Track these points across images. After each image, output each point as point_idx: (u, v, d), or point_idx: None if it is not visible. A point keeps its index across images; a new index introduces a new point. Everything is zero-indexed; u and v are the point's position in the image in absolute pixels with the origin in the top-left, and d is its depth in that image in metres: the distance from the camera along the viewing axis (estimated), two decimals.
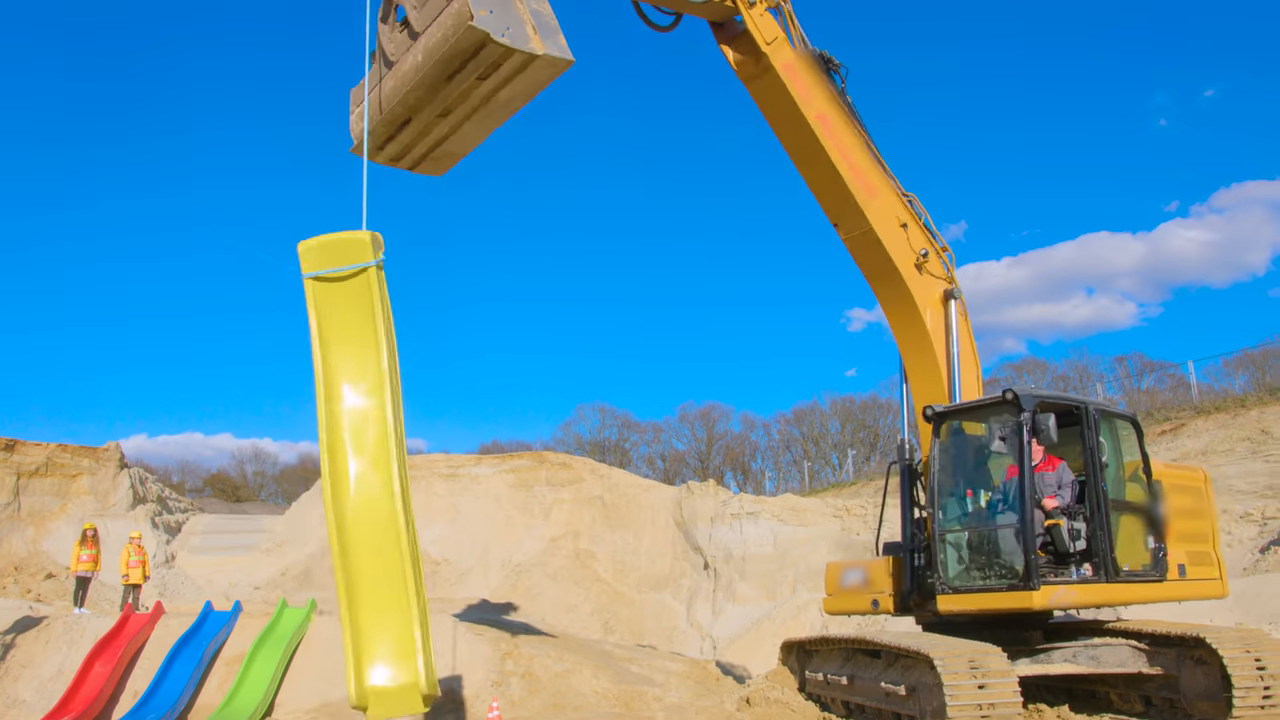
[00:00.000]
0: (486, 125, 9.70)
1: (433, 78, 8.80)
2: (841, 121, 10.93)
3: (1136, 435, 10.38)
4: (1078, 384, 54.02)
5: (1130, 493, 10.11)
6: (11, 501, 28.86)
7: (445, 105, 9.33)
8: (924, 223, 11.22)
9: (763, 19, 10.75)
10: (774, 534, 25.65)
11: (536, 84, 8.87)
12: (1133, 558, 9.79)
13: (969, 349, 11.23)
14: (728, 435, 63.90)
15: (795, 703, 11.06)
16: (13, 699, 13.95)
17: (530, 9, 8.38)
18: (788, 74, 10.71)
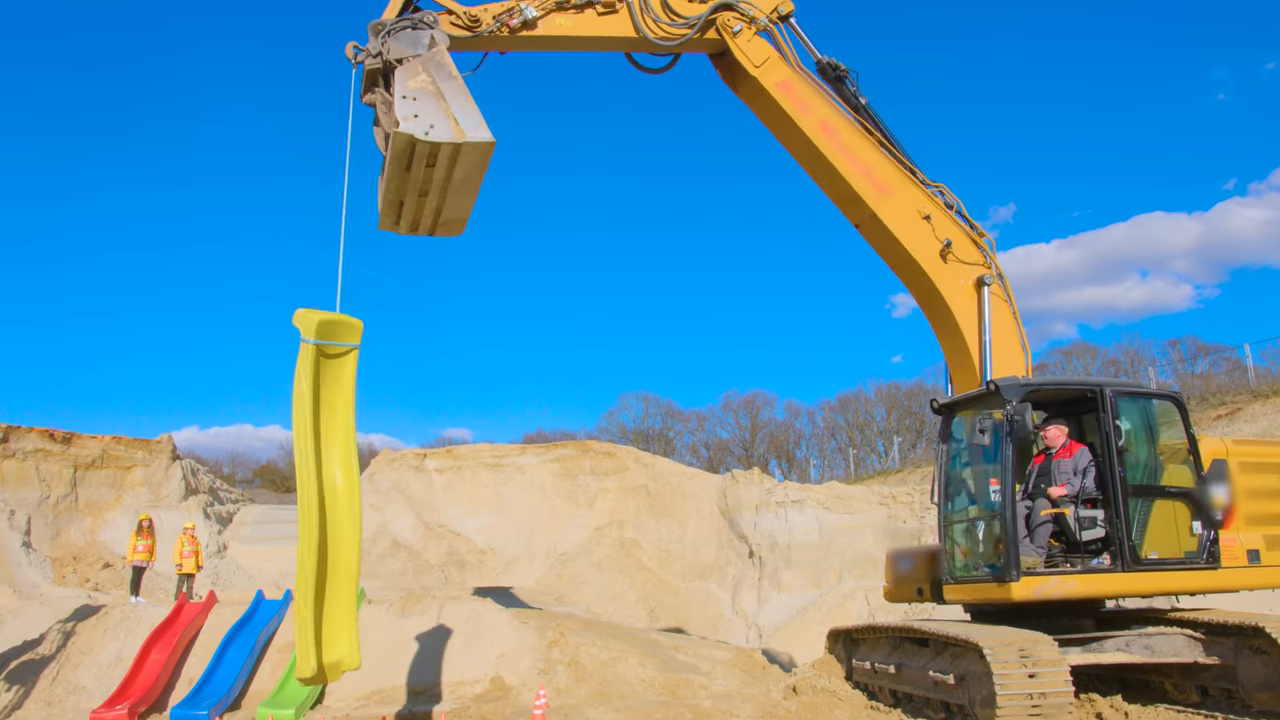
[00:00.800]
0: (464, 196, 10.73)
1: (397, 170, 10.18)
2: (847, 127, 11.28)
3: (1180, 415, 9.99)
4: (1129, 368, 53.10)
5: (1171, 476, 9.78)
6: (69, 493, 29.52)
7: (420, 188, 10.51)
8: (954, 211, 11.25)
9: (750, 44, 11.37)
10: (819, 522, 25.51)
11: (476, 163, 10.03)
12: (1166, 544, 9.48)
13: (1010, 333, 11.02)
14: (772, 423, 63.72)
15: (842, 691, 10.99)
16: (73, 685, 14.29)
17: (453, 105, 9.74)
18: (783, 91, 11.28)
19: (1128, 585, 9.46)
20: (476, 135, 9.59)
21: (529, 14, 11.17)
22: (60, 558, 27.86)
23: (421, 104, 9.79)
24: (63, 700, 13.98)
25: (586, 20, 11.53)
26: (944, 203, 11.28)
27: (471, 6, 11.17)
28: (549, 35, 11.42)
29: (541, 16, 11.30)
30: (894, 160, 11.28)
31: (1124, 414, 9.89)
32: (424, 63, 10.25)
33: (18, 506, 27.75)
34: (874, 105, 11.55)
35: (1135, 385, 10.51)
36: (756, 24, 11.48)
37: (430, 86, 10.02)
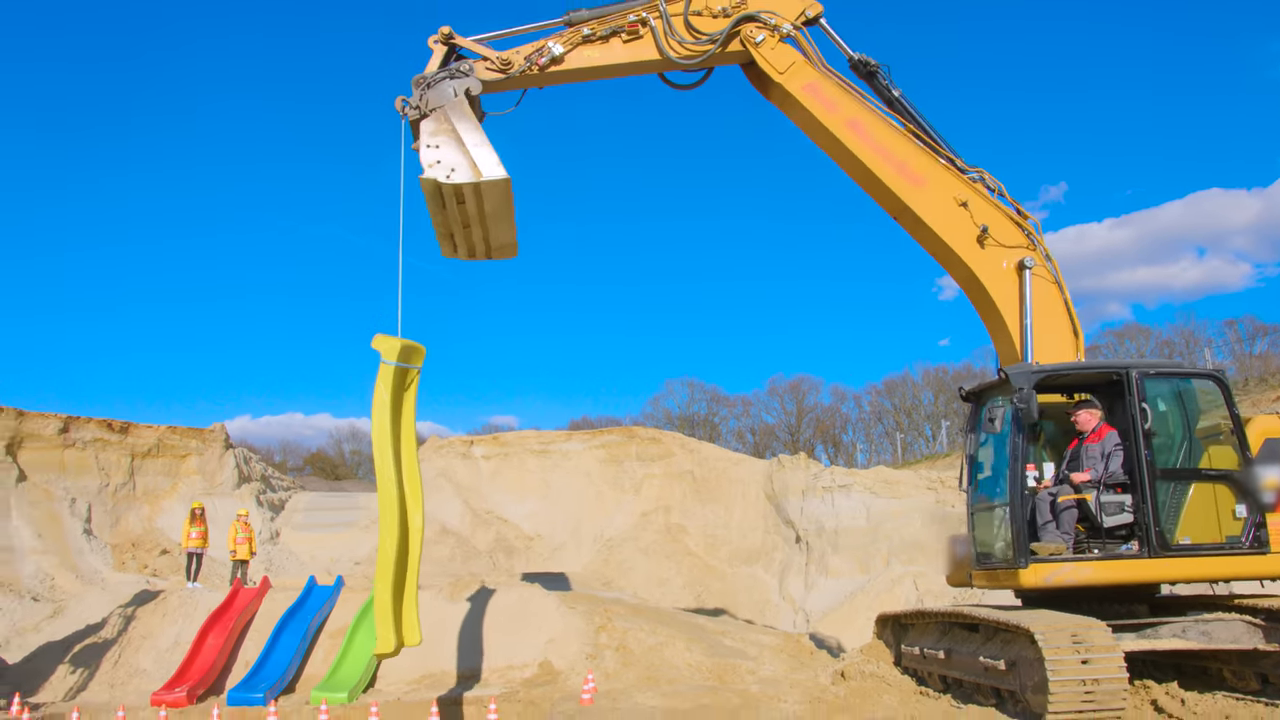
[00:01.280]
0: (503, 224, 11.82)
1: (435, 209, 11.44)
2: (877, 123, 11.45)
3: (1223, 394, 9.66)
4: (1183, 349, 52.04)
5: (1213, 458, 9.49)
6: (127, 481, 30.19)
7: (462, 221, 11.67)
8: (995, 196, 11.22)
9: (773, 52, 11.65)
10: (866, 507, 25.34)
11: (499, 197, 11.16)
12: (1205, 529, 9.24)
13: (1058, 315, 10.87)
14: (818, 408, 63.36)
15: (891, 677, 10.93)
16: (135, 668, 14.64)
17: (471, 148, 10.89)
18: (809, 94, 11.57)
19: (1154, 571, 9.25)
20: (492, 174, 10.75)
21: (556, 51, 11.86)
22: (120, 544, 28.52)
23: (444, 150, 10.97)
24: (125, 683, 14.34)
25: (612, 49, 12.03)
26: (984, 187, 11.25)
27: (504, 51, 11.98)
28: (578, 68, 12.06)
29: (569, 51, 11.95)
30: (928, 150, 11.32)
31: (1158, 396, 9.67)
32: (446, 112, 11.29)
33: (79, 495, 28.44)
34: (909, 96, 11.68)
35: (1170, 365, 10.20)
36: (779, 32, 11.69)
37: (451, 134, 11.09)
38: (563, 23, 12.07)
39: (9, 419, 27.70)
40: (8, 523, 26.31)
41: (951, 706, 9.32)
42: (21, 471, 27.51)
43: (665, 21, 11.88)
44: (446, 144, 11.04)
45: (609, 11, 12.02)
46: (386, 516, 10.24)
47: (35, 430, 28.31)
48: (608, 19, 11.99)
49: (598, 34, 11.98)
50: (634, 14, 11.92)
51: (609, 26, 11.99)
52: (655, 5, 11.96)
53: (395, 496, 10.25)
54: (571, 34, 12.00)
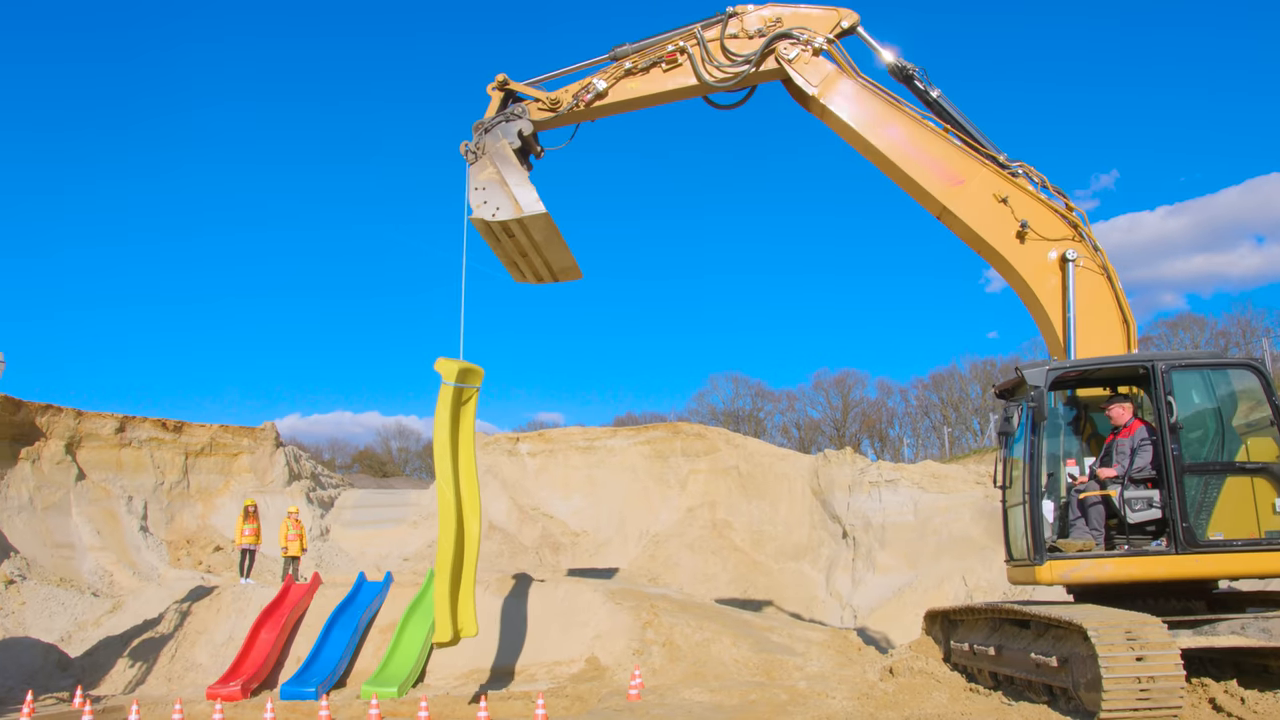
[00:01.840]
0: (556, 250, 13.08)
1: (491, 243, 12.84)
2: (913, 126, 11.61)
3: (1262, 384, 9.36)
4: (1239, 339, 50.89)
5: (1252, 450, 9.23)
6: (181, 480, 30.78)
7: (520, 251, 13.00)
8: (1038, 188, 11.17)
9: (807, 67, 11.95)
10: (914, 502, 25.10)
11: (543, 228, 12.47)
12: (1240, 525, 9.00)
13: (1106, 307, 10.73)
14: (864, 402, 62.86)
15: (940, 673, 10.81)
16: (191, 662, 14.93)
17: (513, 187, 12.18)
18: (844, 104, 11.83)
19: (1181, 568, 9.06)
20: (531, 209, 12.08)
21: (600, 86, 12.61)
22: (175, 541, 29.09)
23: (489, 191, 12.28)
24: (181, 676, 14.63)
25: (653, 79, 12.63)
26: (1027, 181, 11.22)
27: (553, 91, 12.89)
28: (622, 100, 12.76)
29: (612, 85, 12.69)
30: (966, 149, 11.39)
31: (1189, 388, 9.47)
32: (490, 157, 12.49)
33: (135, 493, 29.05)
34: (953, 92, 11.85)
35: (1201, 356, 9.89)
36: (812, 46, 11.94)
37: (495, 176, 12.34)
38: (608, 58, 12.70)
39: (68, 419, 28.36)
40: (68, 520, 26.95)
41: (1002, 704, 9.20)
42: (80, 470, 28.16)
43: (703, 48, 12.34)
44: (491, 185, 12.29)
45: (650, 44, 12.57)
46: (445, 520, 11.51)
47: (93, 430, 28.96)
48: (648, 51, 12.55)
49: (639, 66, 12.56)
50: (673, 44, 12.45)
51: (649, 59, 12.54)
52: (693, 33, 12.43)
53: (453, 503, 11.58)
54: (614, 69, 12.65)
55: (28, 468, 26.84)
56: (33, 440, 27.27)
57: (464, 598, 11.58)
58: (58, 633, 20.93)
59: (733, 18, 12.41)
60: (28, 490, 26.47)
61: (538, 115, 12.90)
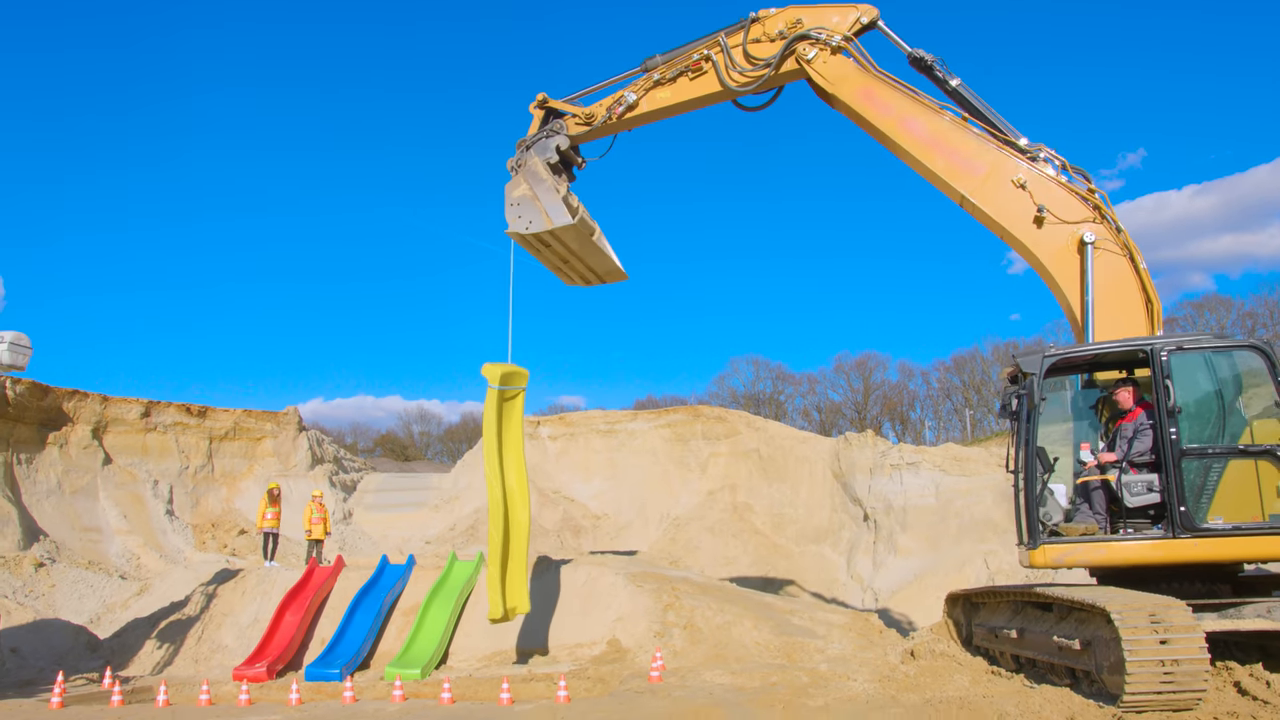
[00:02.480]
0: (595, 255, 14.35)
1: (533, 252, 14.05)
2: (931, 117, 11.71)
3: (1268, 366, 9.21)
4: (1267, 320, 50.27)
5: (1259, 433, 9.12)
6: (206, 464, 31.06)
7: (562, 258, 14.21)
8: (1058, 171, 11.16)
9: (826, 66, 12.24)
10: (936, 484, 25.00)
11: (575, 236, 13.64)
12: (1244, 508, 8.92)
13: (1128, 289, 10.61)
14: (885, 385, 62.67)
15: (961, 656, 10.80)
16: (217, 644, 15.09)
17: (543, 201, 13.24)
18: (863, 100, 12.04)
19: (1178, 553, 9.02)
20: (561, 220, 13.16)
21: (630, 98, 13.31)
22: (200, 524, 29.38)
23: (522, 206, 13.36)
24: (208, 658, 14.79)
25: (680, 88, 13.18)
26: (1047, 165, 11.20)
27: (589, 105, 13.67)
28: (653, 110, 13.39)
29: (642, 96, 13.34)
30: (984, 136, 11.44)
31: (1193, 371, 9.39)
32: (523, 174, 13.51)
33: (160, 477, 29.35)
34: (975, 78, 12.26)
35: (1203, 339, 9.73)
36: (830, 46, 12.22)
37: (527, 192, 13.38)
38: (640, 70, 13.35)
39: (94, 404, 28.66)
40: (95, 504, 27.28)
41: (1024, 686, 9.17)
42: (107, 455, 28.48)
43: (726, 54, 12.78)
44: (524, 201, 13.33)
45: (678, 54, 13.12)
46: (494, 512, 12.43)
47: (119, 415, 29.25)
48: (675, 61, 13.10)
49: (667, 77, 13.13)
50: (698, 52, 12.95)
51: (676, 69, 13.09)
52: (717, 41, 12.87)
53: (500, 497, 12.53)
54: (644, 80, 13.29)
55: (55, 452, 27.16)
56: (60, 425, 27.58)
57: (514, 579, 12.55)
58: (87, 615, 21.22)
59: (755, 23, 12.74)
60: (56, 475, 26.80)
61: (575, 130, 13.68)
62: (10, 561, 22.35)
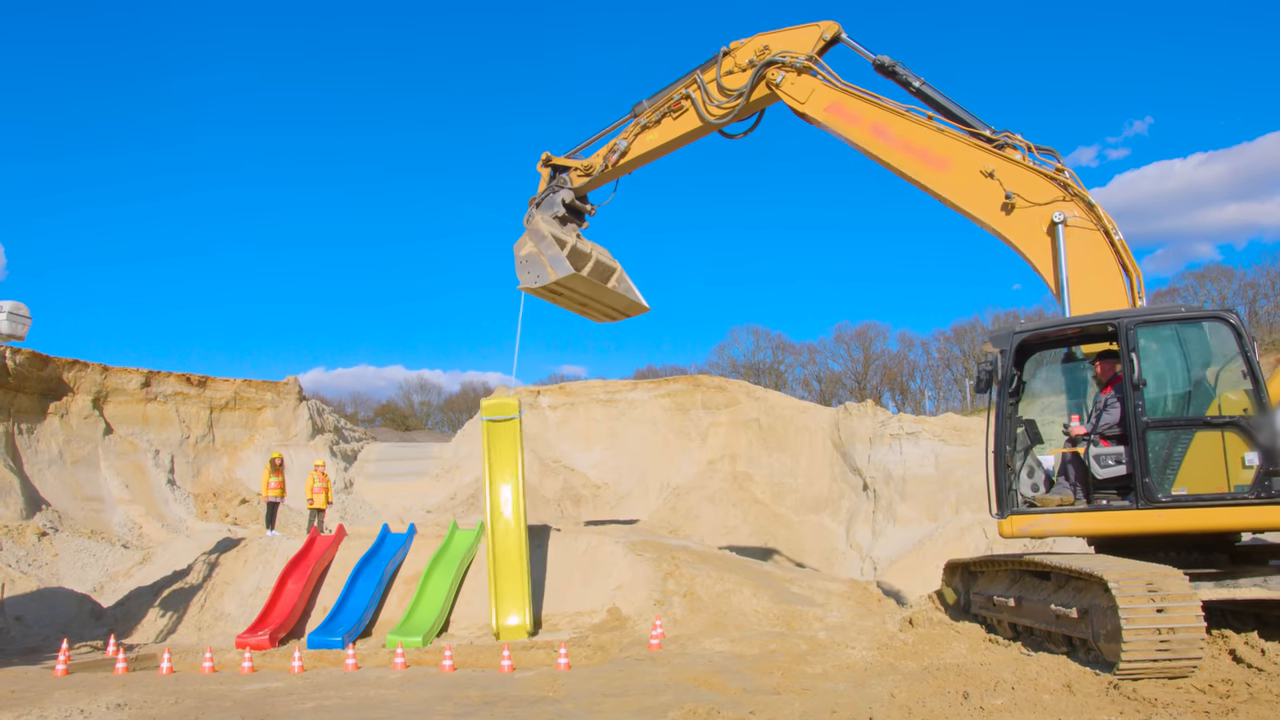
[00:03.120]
0: (608, 296, 15.28)
1: (550, 301, 15.06)
2: (898, 120, 12.09)
3: (1234, 336, 9.19)
4: (1268, 290, 50.19)
5: (1224, 405, 9.11)
6: (207, 434, 31.13)
7: (580, 302, 15.30)
8: (1026, 154, 11.36)
9: (794, 86, 12.81)
10: (935, 454, 25.08)
11: (581, 283, 14.53)
12: (1209, 479, 8.95)
13: (1104, 263, 10.68)
14: (885, 355, 62.76)
15: (960, 624, 10.85)
16: (219, 612, 15.19)
17: (546, 255, 14.17)
18: (832, 113, 12.55)
19: (1142, 523, 9.14)
20: (564, 272, 13.99)
21: (622, 145, 14.25)
22: (201, 494, 29.50)
23: (528, 263, 14.33)
24: (211, 626, 14.89)
25: (666, 128, 14.00)
26: (1014, 151, 11.39)
27: (588, 157, 14.67)
28: (644, 152, 14.21)
29: (633, 141, 14.21)
30: (949, 132, 11.75)
31: (1162, 344, 9.45)
32: (528, 233, 14.59)
33: (161, 446, 29.43)
34: (932, 80, 12.35)
35: (1170, 311, 9.73)
36: (794, 67, 12.79)
37: (532, 249, 14.37)
38: (630, 117, 14.22)
39: (94, 374, 28.68)
40: (97, 474, 27.37)
41: (1021, 654, 9.24)
42: (108, 424, 28.53)
43: (703, 90, 13.55)
44: (529, 258, 14.33)
45: (660, 96, 13.98)
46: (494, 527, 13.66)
47: (119, 385, 29.28)
48: (659, 104, 13.96)
49: (653, 120, 13.97)
50: (677, 92, 13.81)
51: (660, 111, 13.95)
52: (694, 79, 13.66)
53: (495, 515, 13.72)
54: (633, 127, 14.17)
55: (56, 422, 27.21)
56: (60, 395, 27.62)
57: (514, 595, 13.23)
58: (90, 583, 21.35)
59: (726, 55, 13.50)
60: (57, 444, 26.87)
61: (578, 181, 14.71)
62: (13, 531, 22.46)
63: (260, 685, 10.35)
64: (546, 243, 14.24)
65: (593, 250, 15.08)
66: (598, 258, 15.08)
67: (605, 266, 15.26)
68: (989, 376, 10.04)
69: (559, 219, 14.78)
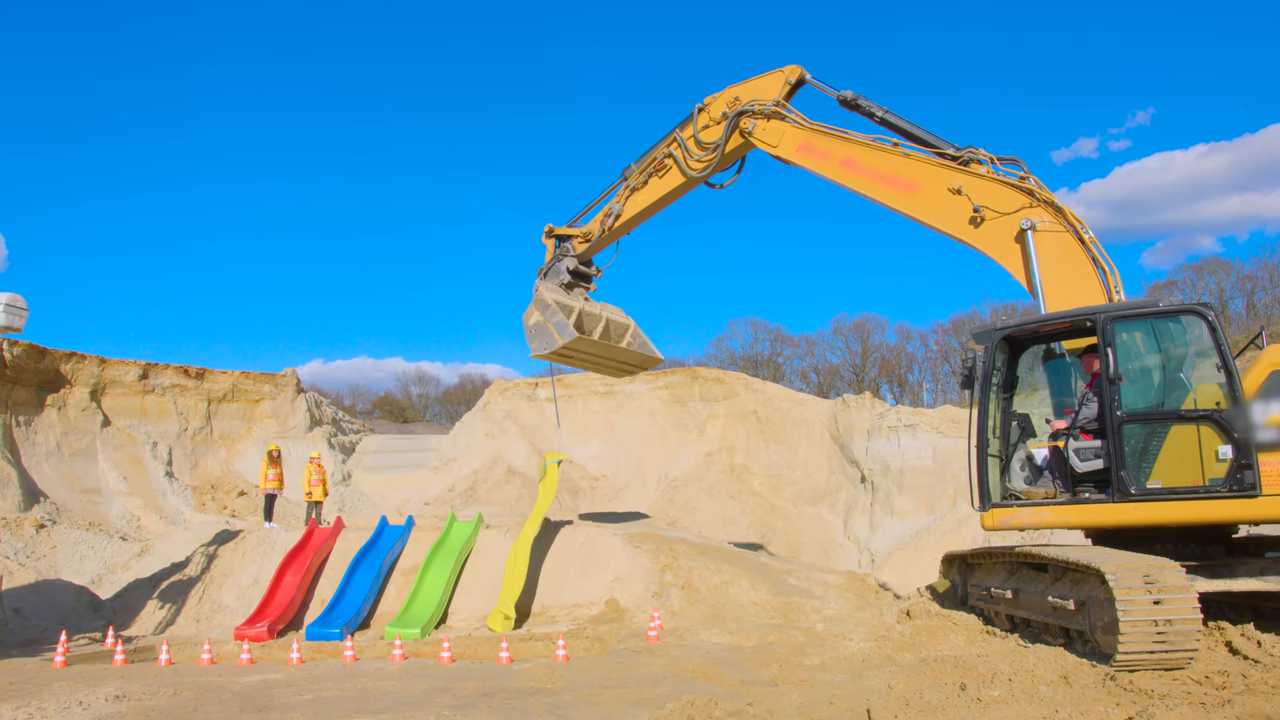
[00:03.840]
0: (619, 354, 15.87)
1: (565, 363, 15.80)
2: (866, 151, 12.45)
3: (1208, 330, 9.20)
4: (1266, 283, 50.20)
5: (1200, 397, 9.15)
6: (205, 426, 31.12)
7: (595, 362, 15.98)
8: (990, 166, 11.60)
9: (765, 131, 13.29)
10: (933, 446, 25.11)
11: (591, 345, 15.09)
12: (1184, 473, 9.00)
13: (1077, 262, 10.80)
14: (883, 347, 62.75)
15: (956, 616, 10.86)
16: (218, 604, 15.20)
17: (551, 322, 14.79)
18: (803, 153, 12.99)
19: (1119, 516, 9.26)
20: (569, 336, 14.52)
21: (616, 209, 14.83)
22: (200, 486, 29.50)
23: (537, 331, 14.95)
24: (209, 618, 14.90)
25: (653, 188, 14.51)
26: (979, 165, 11.62)
27: (586, 224, 15.31)
28: (637, 213, 14.77)
29: (625, 204, 14.78)
30: (915, 155, 12.04)
31: (1140, 338, 9.52)
32: (534, 303, 15.18)
33: (159, 439, 29.42)
34: (895, 108, 12.69)
35: (1146, 306, 9.76)
36: (764, 113, 13.26)
37: (539, 317, 15.01)
38: (621, 181, 14.79)
39: (92, 366, 28.65)
40: (95, 466, 27.37)
41: (1018, 646, 9.25)
42: (105, 417, 28.51)
43: (683, 147, 14.06)
44: (538, 326, 14.96)
45: (647, 156, 14.52)
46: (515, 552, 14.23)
47: (117, 377, 29.25)
48: (645, 165, 14.48)
49: (641, 182, 14.52)
50: (660, 152, 14.33)
51: (646, 172, 14.47)
52: (674, 137, 14.19)
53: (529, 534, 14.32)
54: (624, 190, 14.74)
55: (54, 414, 27.20)
56: (58, 387, 27.60)
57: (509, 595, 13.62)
58: (88, 575, 21.37)
59: (701, 111, 13.99)
60: (55, 437, 26.85)
61: (580, 248, 15.35)
62: (11, 523, 22.46)
63: (259, 677, 10.37)
64: (551, 310, 14.87)
65: (602, 311, 15.72)
66: (608, 318, 15.73)
67: (618, 324, 15.92)
68: (971, 372, 10.25)
69: (565, 286, 15.43)
